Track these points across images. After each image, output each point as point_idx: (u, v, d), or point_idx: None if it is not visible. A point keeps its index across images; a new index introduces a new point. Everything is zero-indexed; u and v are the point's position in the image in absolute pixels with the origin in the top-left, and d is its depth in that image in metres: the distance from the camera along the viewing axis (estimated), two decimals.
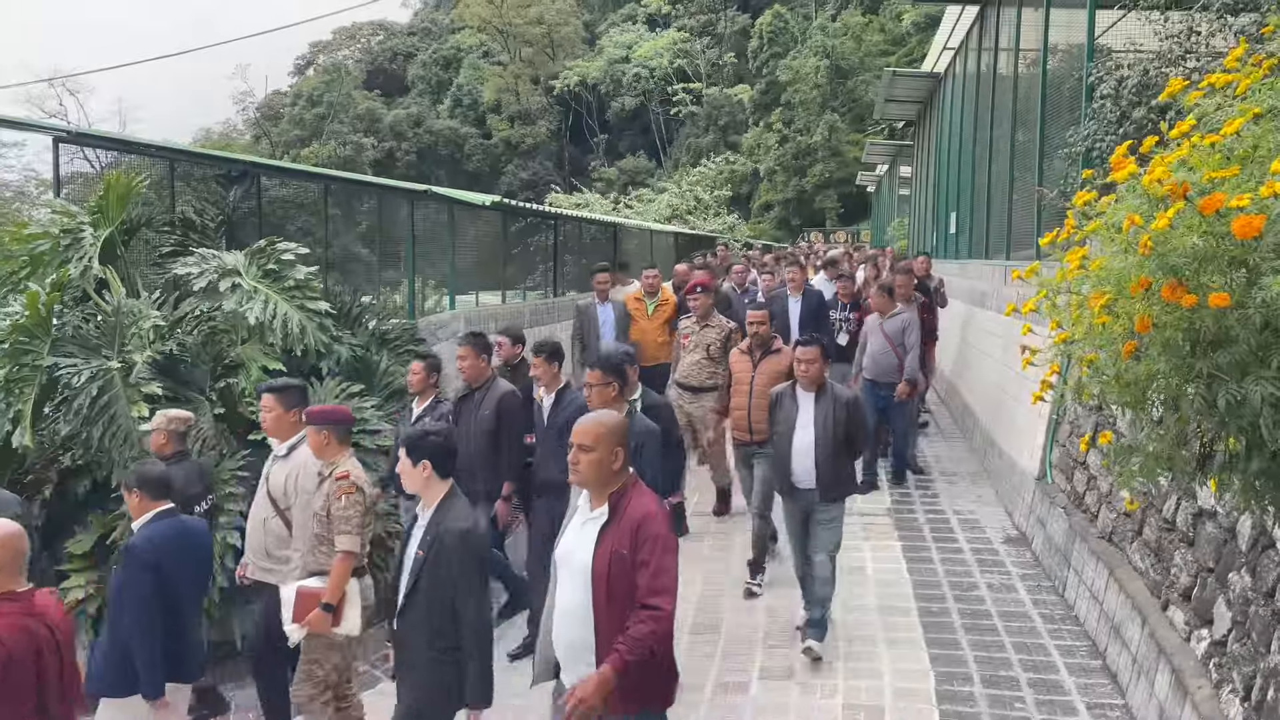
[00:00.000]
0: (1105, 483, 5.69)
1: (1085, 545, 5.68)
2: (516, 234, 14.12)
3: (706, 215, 35.58)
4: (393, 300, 11.75)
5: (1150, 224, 2.02)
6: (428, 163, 62.45)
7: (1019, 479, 7.64)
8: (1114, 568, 5.16)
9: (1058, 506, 6.39)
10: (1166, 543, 4.60)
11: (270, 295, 7.88)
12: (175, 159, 11.19)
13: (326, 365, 8.16)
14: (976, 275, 11.30)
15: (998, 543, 7.13)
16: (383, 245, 12.38)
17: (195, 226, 10.10)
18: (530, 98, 64.33)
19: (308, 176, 13.13)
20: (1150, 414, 2.22)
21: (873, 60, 48.26)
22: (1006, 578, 6.41)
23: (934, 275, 10.92)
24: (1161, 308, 1.98)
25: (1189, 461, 2.22)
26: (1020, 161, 10.05)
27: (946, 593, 6.19)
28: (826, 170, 47.61)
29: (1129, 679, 4.64)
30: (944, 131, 16.60)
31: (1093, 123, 6.82)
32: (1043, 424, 7.13)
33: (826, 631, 5.43)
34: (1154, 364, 2.05)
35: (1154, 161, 2.19)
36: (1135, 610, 4.70)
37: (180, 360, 7.63)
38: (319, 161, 51.32)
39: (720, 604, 6.20)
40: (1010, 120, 10.53)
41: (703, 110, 59.36)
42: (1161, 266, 1.99)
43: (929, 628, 5.66)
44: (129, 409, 6.85)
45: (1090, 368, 2.28)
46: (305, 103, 61.95)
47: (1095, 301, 2.16)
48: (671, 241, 23.52)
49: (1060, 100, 8.43)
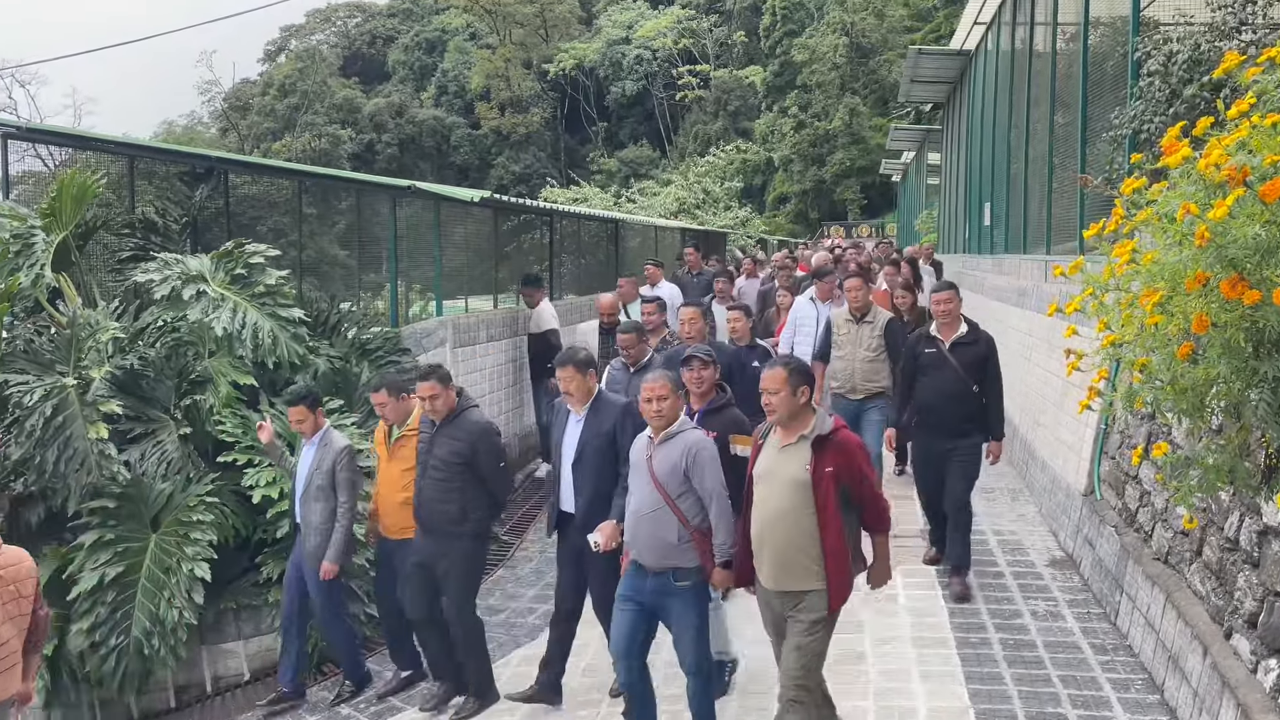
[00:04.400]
0: (1160, 499, 5.66)
1: (1139, 568, 5.65)
2: (509, 233, 14.15)
3: (716, 209, 35.65)
4: (374, 307, 11.77)
5: (1207, 213, 2.01)
6: (411, 156, 62.62)
7: (1064, 496, 7.61)
8: (1171, 592, 5.13)
9: (1108, 525, 6.37)
10: (1229, 564, 4.57)
11: (239, 303, 7.90)
12: (135, 155, 11.23)
13: (302, 379, 8.16)
14: (1014, 271, 11.30)
15: (1042, 566, 7.10)
16: (362, 247, 12.41)
17: (157, 229, 10.14)
18: (522, 83, 64.49)
19: (280, 172, 13.17)
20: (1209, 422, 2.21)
21: (897, 37, 48.28)
22: (1052, 604, 6.38)
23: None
24: (1220, 305, 1.97)
25: (1253, 474, 2.21)
26: (1061, 146, 10.04)
27: (986, 621, 6.16)
28: (847, 158, 47.62)
29: (1190, 715, 4.61)
30: (976, 114, 16.60)
31: (1140, 102, 6.81)
32: (1090, 435, 7.10)
33: None
34: (1213, 367, 2.04)
35: (1210, 144, 2.18)
36: (1195, 639, 4.68)
37: (142, 376, 7.64)
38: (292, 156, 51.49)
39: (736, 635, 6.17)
40: (1049, 101, 10.52)
41: (711, 94, 59.48)
42: (1220, 259, 1.98)
43: (968, 660, 5.63)
44: (86, 430, 6.85)
45: (1142, 372, 2.27)
46: (276, 92, 62.17)
47: (1147, 299, 2.15)
48: (678, 238, 23.55)
49: (1103, 78, 8.42)
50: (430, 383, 5.69)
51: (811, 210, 49.40)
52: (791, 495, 4.26)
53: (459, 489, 5.67)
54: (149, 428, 7.48)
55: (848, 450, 4.29)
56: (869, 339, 7.76)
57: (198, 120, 65.78)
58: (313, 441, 6.35)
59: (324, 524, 6.19)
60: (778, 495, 4.30)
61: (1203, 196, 2.09)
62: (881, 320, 7.84)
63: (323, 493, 6.22)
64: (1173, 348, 2.12)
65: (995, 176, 14.29)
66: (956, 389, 6.60)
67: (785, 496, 4.28)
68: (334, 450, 6.26)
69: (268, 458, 7.09)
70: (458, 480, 5.66)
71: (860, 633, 6.04)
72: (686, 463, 4.63)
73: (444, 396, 5.71)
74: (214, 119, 66.43)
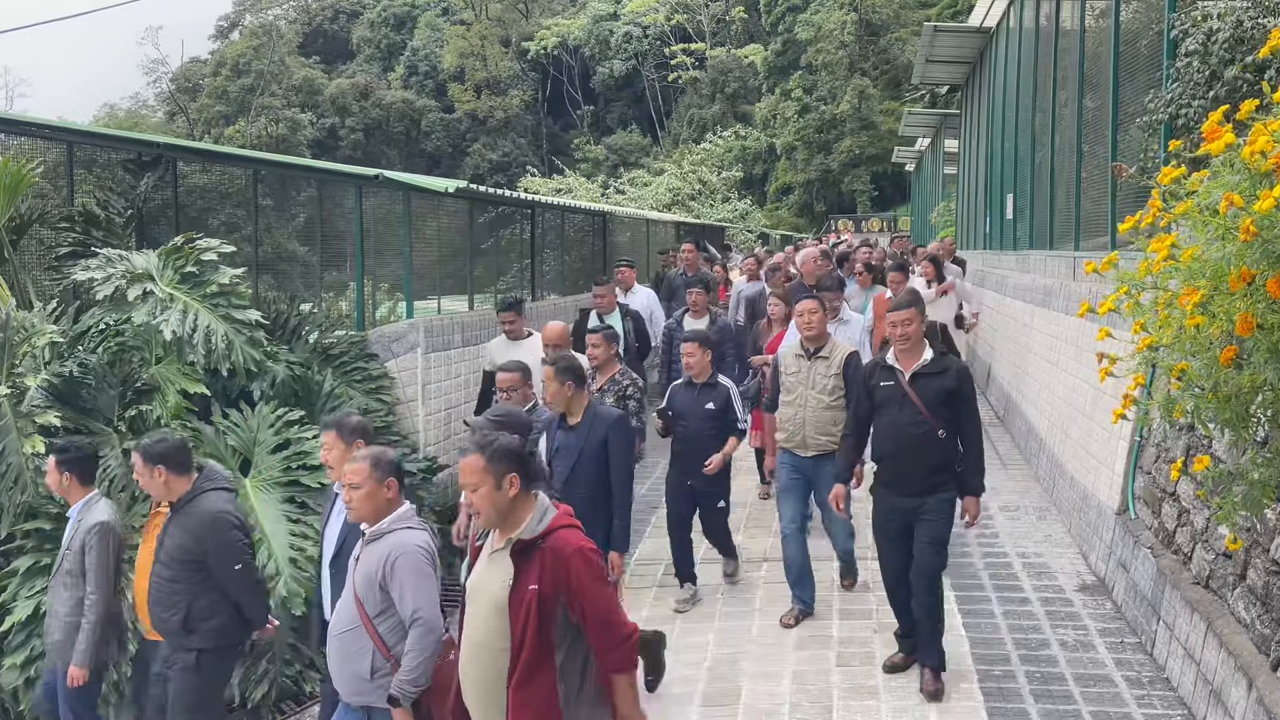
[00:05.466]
0: (1200, 517, 5.68)
1: (1177, 593, 5.68)
2: (485, 226, 14.13)
3: (714, 201, 35.69)
4: (338, 308, 11.74)
5: (1252, 204, 2.02)
6: (377, 142, 62.62)
7: (1095, 514, 7.64)
8: (1212, 619, 5.15)
9: (1143, 546, 6.39)
10: (1276, 588, 4.60)
11: (189, 304, 7.88)
12: (74, 141, 11.20)
13: (259, 387, 8.15)
14: (1040, 269, 11.35)
15: (1071, 591, 7.11)
16: (324, 242, 12.38)
17: (99, 222, 10.10)
18: (500, 63, 64.53)
19: (233, 160, 13.14)
20: (1254, 433, 2.22)
21: (909, 14, 48.53)
22: (1083, 633, 6.40)
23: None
24: (1268, 305, 1.99)
25: None
26: (1090, 132, 10.09)
27: (1011, 652, 6.17)
28: (856, 145, 47.79)
29: None
30: (997, 98, 16.67)
31: (1176, 85, 6.85)
32: (1124, 447, 7.13)
33: None
34: (1259, 373, 2.06)
35: (1255, 130, 2.20)
36: (1239, 670, 4.69)
37: (82, 384, 7.61)
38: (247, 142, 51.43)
39: (738, 669, 6.18)
40: (1077, 83, 10.58)
41: (707, 75, 59.62)
42: (1267, 255, 1.99)
43: (991, 695, 5.64)
44: (20, 444, 6.83)
45: (1181, 379, 2.28)
46: (229, 72, 62.12)
47: (1187, 299, 2.17)
48: (673, 233, 23.58)
49: (1137, 58, 8.46)
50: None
51: (817, 202, 49.56)
52: (487, 621, 3.56)
53: (184, 592, 5.20)
54: (90, 441, 7.45)
55: (563, 558, 3.48)
56: (823, 379, 6.75)
57: (142, 103, 65.73)
58: (74, 510, 5.83)
59: (70, 616, 5.67)
60: (475, 621, 3.62)
61: (1248, 187, 2.10)
62: (839, 356, 6.80)
63: (71, 577, 5.69)
64: (1215, 352, 2.13)
65: (1019, 165, 14.35)
66: (918, 431, 5.64)
67: (481, 623, 3.58)
68: (84, 526, 5.69)
69: None
70: (183, 582, 5.19)
71: (871, 664, 6.05)
72: (384, 573, 4.18)
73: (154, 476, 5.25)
74: (161, 102, 66.34)
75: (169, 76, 65.89)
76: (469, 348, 11.10)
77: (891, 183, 48.44)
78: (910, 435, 5.66)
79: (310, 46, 71.35)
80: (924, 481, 5.69)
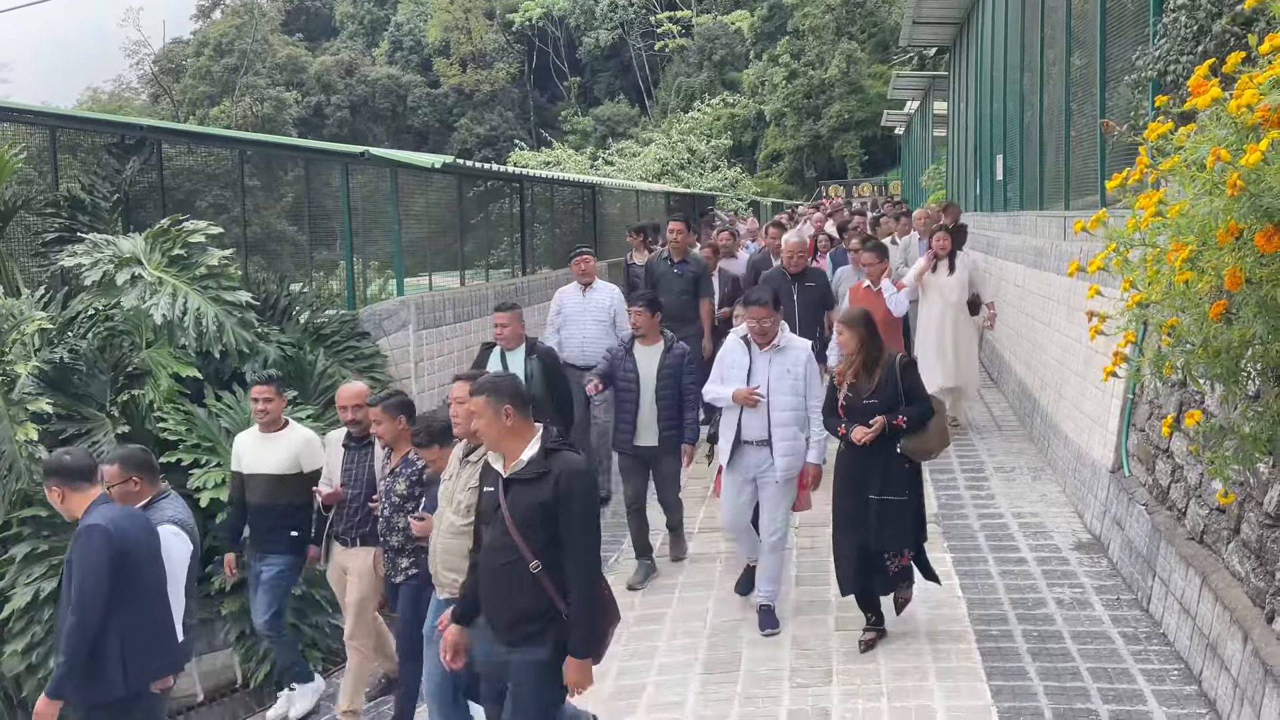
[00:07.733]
0: (1194, 473, 5.70)
1: (1172, 548, 5.70)
2: (475, 201, 14.09)
3: (703, 170, 35.59)
4: (328, 287, 11.72)
5: (1240, 159, 2.01)
6: (364, 119, 62.24)
7: (1089, 473, 7.66)
8: (1207, 574, 5.18)
9: (1137, 504, 6.42)
10: (1270, 541, 4.62)
11: (179, 287, 7.85)
12: (57, 126, 11.13)
13: (251, 368, 8.12)
14: (1030, 229, 11.33)
15: (1067, 550, 7.15)
16: (313, 221, 12.34)
17: (85, 207, 10.05)
18: (485, 35, 64.09)
19: (219, 141, 13.08)
20: (1245, 388, 2.22)
21: None
22: (1079, 591, 6.43)
23: None
24: (1256, 259, 1.98)
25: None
26: (1078, 91, 10.05)
27: (1008, 612, 6.20)
28: (845, 110, 47.61)
29: (1230, 706, 4.66)
30: (985, 58, 16.59)
31: (1164, 40, 6.81)
32: (1116, 405, 7.15)
33: None
34: (1248, 327, 2.05)
35: (1241, 83, 2.18)
36: (1235, 624, 4.72)
37: (73, 370, 7.59)
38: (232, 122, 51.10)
39: (738, 637, 6.21)
40: (1064, 41, 10.52)
41: (694, 43, 59.25)
42: (1255, 209, 1.98)
43: (989, 655, 5.67)
44: (13, 431, 6.81)
45: (1172, 335, 2.28)
46: (213, 52, 61.59)
47: (1175, 255, 2.16)
48: (663, 203, 23.51)
49: (1123, 14, 8.42)
50: None
51: (807, 168, 49.41)
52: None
53: None
54: (83, 427, 7.45)
55: None
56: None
57: (126, 86, 65.16)
58: None
59: None
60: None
61: (1235, 141, 2.09)
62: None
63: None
64: (1204, 307, 2.13)
65: (1008, 126, 14.30)
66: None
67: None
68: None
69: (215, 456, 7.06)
70: None
71: None
72: None
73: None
74: (144, 84, 65.80)
75: (151, 58, 65.31)
76: (460, 324, 11.08)
77: (881, 147, 48.30)
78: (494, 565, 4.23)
79: (293, 24, 70.76)
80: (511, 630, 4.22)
